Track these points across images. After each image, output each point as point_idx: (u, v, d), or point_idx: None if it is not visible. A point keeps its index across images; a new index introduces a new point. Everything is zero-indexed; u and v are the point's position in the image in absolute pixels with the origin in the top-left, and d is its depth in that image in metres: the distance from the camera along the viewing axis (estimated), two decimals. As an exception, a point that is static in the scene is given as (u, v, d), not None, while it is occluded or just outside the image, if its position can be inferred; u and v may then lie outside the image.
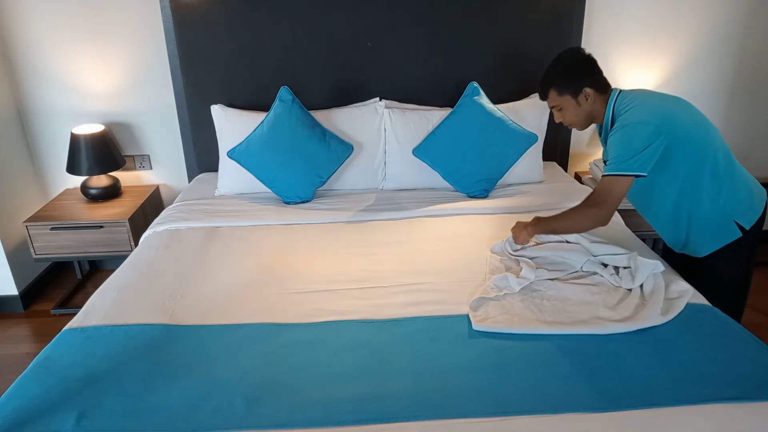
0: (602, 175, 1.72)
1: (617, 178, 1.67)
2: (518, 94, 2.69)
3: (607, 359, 1.42)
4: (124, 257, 2.12)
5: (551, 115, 2.61)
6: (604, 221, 1.73)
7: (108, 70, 2.74)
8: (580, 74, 1.77)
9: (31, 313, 2.83)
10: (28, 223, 2.59)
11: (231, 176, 2.54)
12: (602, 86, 1.79)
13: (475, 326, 1.54)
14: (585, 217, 1.75)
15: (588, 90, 1.76)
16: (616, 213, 2.31)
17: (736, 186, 1.74)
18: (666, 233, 1.91)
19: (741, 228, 1.75)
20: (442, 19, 2.59)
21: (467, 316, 1.60)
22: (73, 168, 2.67)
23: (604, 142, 1.83)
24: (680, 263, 1.89)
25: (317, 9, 2.54)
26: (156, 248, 2.07)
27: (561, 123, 1.90)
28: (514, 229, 1.94)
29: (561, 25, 2.63)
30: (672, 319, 1.55)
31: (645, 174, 1.66)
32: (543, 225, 1.87)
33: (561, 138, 2.89)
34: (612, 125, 1.76)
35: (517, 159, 2.50)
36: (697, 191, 1.72)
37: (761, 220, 1.79)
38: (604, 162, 1.79)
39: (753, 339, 1.49)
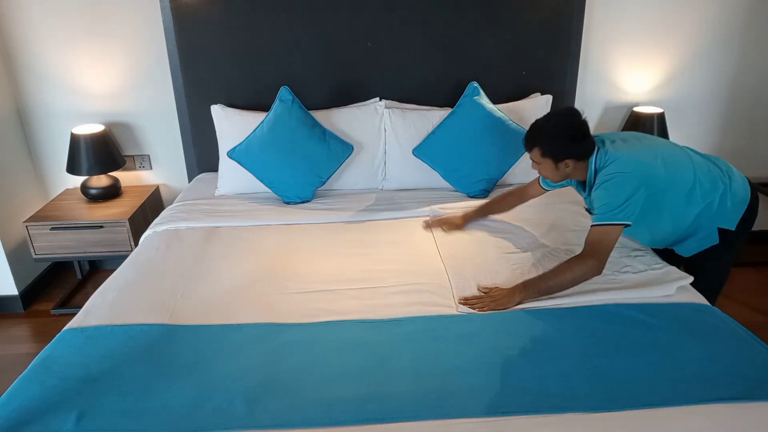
0: (592, 225, 1.71)
1: (608, 228, 1.67)
2: (518, 94, 2.69)
3: (607, 359, 1.42)
4: (124, 257, 2.12)
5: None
6: (599, 271, 1.67)
7: (108, 70, 2.74)
8: (567, 145, 1.73)
9: (31, 313, 2.83)
10: (28, 223, 2.59)
11: (231, 176, 2.54)
12: (585, 153, 1.76)
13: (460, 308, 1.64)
14: (580, 269, 1.66)
15: (569, 161, 1.74)
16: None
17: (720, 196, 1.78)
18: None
19: (724, 231, 1.81)
20: (442, 19, 2.58)
21: (467, 316, 1.60)
22: (73, 168, 2.67)
23: (584, 193, 1.87)
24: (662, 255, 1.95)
25: (317, 9, 2.54)
26: (156, 248, 2.07)
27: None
28: (499, 298, 1.67)
29: (561, 25, 2.63)
30: (672, 319, 1.56)
31: (630, 223, 1.68)
32: (534, 288, 1.68)
33: (561, 138, 2.89)
34: (595, 178, 1.76)
35: (517, 159, 2.50)
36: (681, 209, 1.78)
37: (745, 220, 1.82)
38: (587, 210, 1.83)
39: (753, 339, 1.49)
